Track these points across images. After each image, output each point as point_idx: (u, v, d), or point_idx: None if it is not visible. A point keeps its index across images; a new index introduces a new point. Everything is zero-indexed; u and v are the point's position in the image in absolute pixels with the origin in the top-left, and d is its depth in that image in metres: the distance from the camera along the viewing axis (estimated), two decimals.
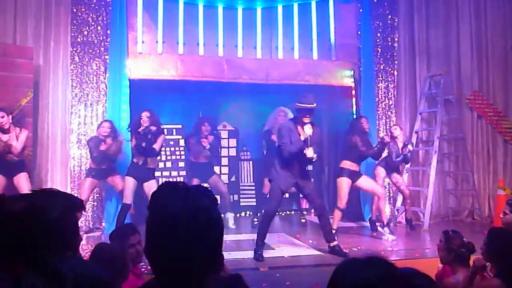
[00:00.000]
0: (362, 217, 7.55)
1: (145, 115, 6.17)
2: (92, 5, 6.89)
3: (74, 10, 6.83)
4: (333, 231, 5.78)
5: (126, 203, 6.12)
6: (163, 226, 1.16)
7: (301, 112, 5.39)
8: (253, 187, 8.85)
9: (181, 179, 7.93)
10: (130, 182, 6.15)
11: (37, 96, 6.58)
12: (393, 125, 7.50)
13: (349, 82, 8.04)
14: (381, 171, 7.07)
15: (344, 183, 6.22)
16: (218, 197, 7.06)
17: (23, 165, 5.97)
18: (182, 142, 8.41)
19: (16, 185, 5.81)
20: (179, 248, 1.14)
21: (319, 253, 5.66)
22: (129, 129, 6.44)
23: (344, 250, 5.48)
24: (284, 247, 5.91)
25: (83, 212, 1.21)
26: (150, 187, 6.07)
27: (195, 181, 6.97)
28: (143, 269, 3.47)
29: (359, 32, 8.07)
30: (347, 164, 6.27)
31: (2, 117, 5.81)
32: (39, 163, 6.58)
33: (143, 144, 6.08)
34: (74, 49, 6.81)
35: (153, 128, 6.15)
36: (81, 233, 2.14)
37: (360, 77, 7.99)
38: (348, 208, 6.50)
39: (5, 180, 5.83)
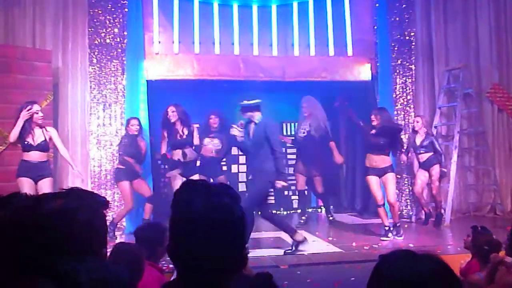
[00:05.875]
0: None
1: (170, 109, 6.22)
2: (109, 7, 6.94)
3: (91, 12, 6.90)
4: (386, 228, 6.14)
5: None
6: (185, 225, 1.16)
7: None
8: None
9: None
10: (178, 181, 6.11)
11: (56, 98, 6.68)
12: (415, 116, 7.36)
13: (366, 77, 7.97)
14: (421, 174, 6.99)
15: (368, 181, 6.28)
16: None
17: (49, 169, 5.71)
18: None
19: (39, 190, 5.36)
20: (202, 247, 1.14)
21: (339, 250, 5.65)
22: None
23: (293, 249, 5.42)
24: (303, 245, 5.88)
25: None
26: None
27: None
28: (164, 267, 3.50)
29: (375, 27, 7.99)
30: (366, 160, 6.30)
31: (37, 112, 5.49)
32: (60, 164, 6.66)
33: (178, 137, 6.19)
34: (92, 51, 6.88)
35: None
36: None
37: (377, 73, 7.92)
38: (368, 205, 6.49)
39: (34, 184, 5.45)
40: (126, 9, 7.02)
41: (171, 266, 4.52)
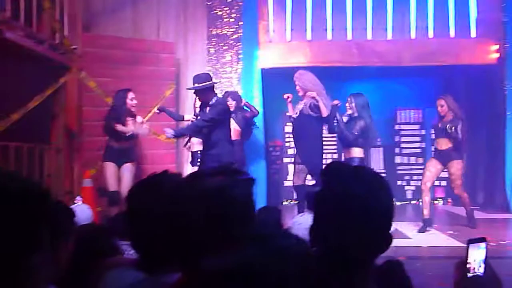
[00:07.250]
0: (508, 208, 6.93)
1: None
2: None
3: (209, 4, 7.21)
4: None
5: None
6: (333, 205, 1.18)
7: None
8: (385, 174, 8.60)
9: None
10: None
11: (178, 88, 7.10)
12: (438, 99, 6.13)
13: (491, 60, 7.36)
14: (431, 164, 6.05)
15: None
16: None
17: (131, 153, 5.72)
18: None
19: (121, 174, 5.56)
20: (349, 227, 1.15)
21: (459, 244, 5.33)
22: None
23: None
24: (421, 237, 5.68)
25: None
26: None
27: None
28: None
29: (503, 5, 7.31)
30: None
31: (132, 99, 5.63)
32: (179, 150, 7.07)
33: None
34: (209, 41, 7.20)
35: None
36: None
37: (505, 55, 7.26)
38: (492, 199, 6.06)
39: (116, 167, 5.57)
40: (242, 1, 7.22)
41: None
